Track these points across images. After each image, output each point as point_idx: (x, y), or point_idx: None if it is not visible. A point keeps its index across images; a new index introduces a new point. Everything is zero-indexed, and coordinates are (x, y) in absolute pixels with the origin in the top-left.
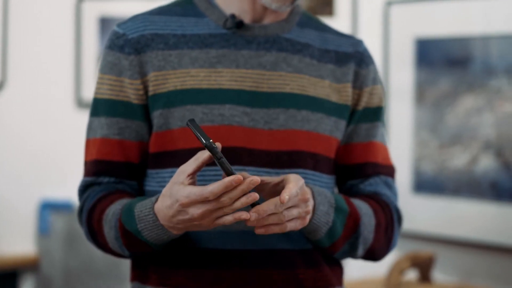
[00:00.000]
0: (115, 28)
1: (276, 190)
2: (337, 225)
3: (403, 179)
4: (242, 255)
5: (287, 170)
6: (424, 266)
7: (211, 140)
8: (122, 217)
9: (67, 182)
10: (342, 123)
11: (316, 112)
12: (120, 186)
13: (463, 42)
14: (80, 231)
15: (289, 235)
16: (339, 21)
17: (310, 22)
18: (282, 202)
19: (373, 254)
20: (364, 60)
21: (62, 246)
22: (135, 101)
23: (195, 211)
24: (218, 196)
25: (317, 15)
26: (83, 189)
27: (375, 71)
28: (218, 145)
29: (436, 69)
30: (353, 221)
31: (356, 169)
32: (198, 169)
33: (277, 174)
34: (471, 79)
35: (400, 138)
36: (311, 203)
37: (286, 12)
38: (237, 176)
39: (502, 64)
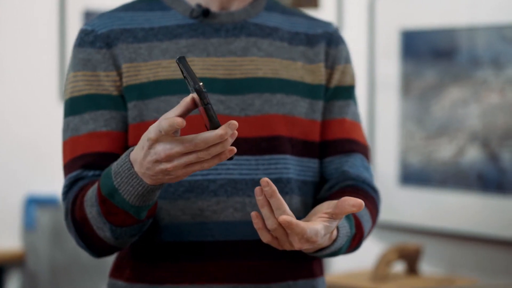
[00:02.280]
0: (82, 27)
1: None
2: (342, 250)
3: (389, 171)
4: (223, 246)
5: (267, 156)
6: (411, 258)
7: (201, 83)
8: (100, 182)
9: (52, 177)
10: (319, 104)
11: (290, 94)
12: None
13: (449, 34)
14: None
15: None
16: (324, 13)
17: (276, 6)
18: (283, 222)
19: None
20: (333, 40)
21: (48, 241)
22: (115, 93)
23: (162, 150)
24: (191, 141)
25: (302, 7)
26: (68, 190)
27: (347, 51)
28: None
29: (422, 60)
30: (357, 242)
31: (332, 145)
32: (181, 116)
33: (257, 161)
34: (457, 70)
35: (386, 130)
36: (310, 246)
37: None
38: (222, 130)
39: (488, 55)
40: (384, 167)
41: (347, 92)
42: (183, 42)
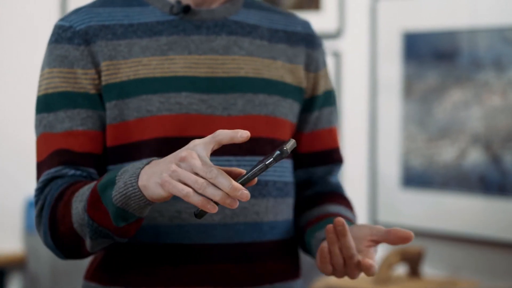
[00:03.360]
0: (58, 22)
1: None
2: None
3: (391, 173)
4: (199, 249)
5: (247, 158)
6: (413, 261)
7: (287, 151)
8: (103, 176)
9: None
10: (297, 106)
11: (272, 94)
12: (88, 180)
13: (450, 36)
14: None
15: (250, 227)
16: (326, 16)
17: (254, 2)
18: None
19: None
20: (314, 42)
21: None
22: (92, 91)
23: (187, 151)
24: (210, 167)
25: (303, 10)
26: (44, 185)
27: (324, 53)
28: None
29: (424, 62)
30: None
31: (322, 156)
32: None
33: (238, 162)
34: (459, 72)
35: (388, 132)
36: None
37: None
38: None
39: (489, 57)
40: (386, 170)
41: (331, 97)
42: (164, 39)
